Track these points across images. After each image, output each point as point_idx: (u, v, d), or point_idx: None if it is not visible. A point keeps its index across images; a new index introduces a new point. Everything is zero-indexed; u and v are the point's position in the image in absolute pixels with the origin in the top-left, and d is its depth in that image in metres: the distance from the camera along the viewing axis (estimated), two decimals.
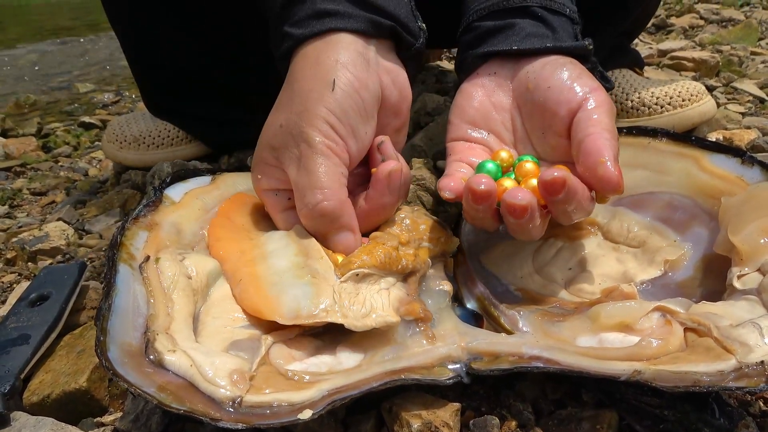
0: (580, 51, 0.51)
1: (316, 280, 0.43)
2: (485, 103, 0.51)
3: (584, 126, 0.44)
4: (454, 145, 0.52)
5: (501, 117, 0.51)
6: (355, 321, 0.40)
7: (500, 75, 0.51)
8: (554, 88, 0.47)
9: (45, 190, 1.01)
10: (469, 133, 0.52)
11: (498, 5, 0.53)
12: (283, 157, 0.47)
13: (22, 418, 0.42)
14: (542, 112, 0.48)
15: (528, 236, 0.44)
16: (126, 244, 0.44)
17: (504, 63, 0.52)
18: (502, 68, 0.52)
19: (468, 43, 0.54)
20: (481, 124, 0.52)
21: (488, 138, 0.51)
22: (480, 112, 0.52)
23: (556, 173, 0.40)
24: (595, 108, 0.45)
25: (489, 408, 0.42)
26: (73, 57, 2.54)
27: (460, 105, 0.52)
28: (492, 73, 0.52)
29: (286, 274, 0.44)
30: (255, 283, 0.44)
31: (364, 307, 0.42)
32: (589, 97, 0.46)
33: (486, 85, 0.52)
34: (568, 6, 0.53)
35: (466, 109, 0.52)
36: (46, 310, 0.52)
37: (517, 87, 0.51)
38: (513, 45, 0.50)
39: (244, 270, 0.46)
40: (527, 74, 0.49)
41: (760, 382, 0.33)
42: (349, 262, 0.44)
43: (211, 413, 0.34)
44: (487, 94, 0.52)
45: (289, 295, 0.42)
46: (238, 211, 0.52)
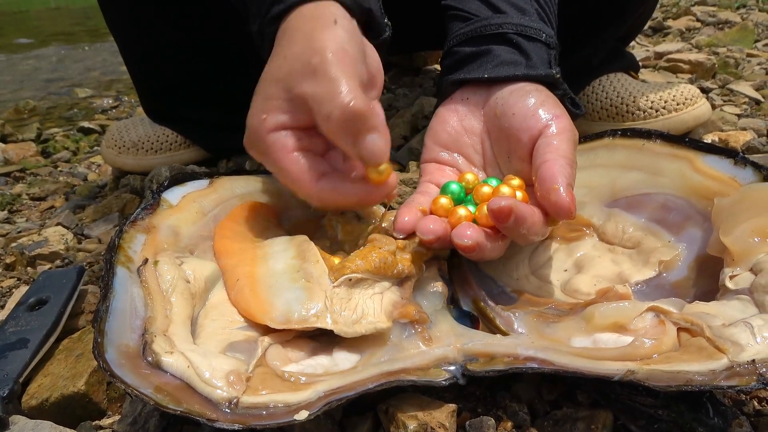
0: (549, 79, 0.52)
1: (309, 284, 0.43)
2: (457, 127, 0.54)
3: (542, 152, 0.46)
4: (426, 167, 0.55)
5: (471, 141, 0.54)
6: (345, 327, 0.41)
7: (472, 101, 0.54)
8: (518, 115, 0.49)
9: (44, 195, 1.01)
10: (441, 156, 0.55)
11: (476, 31, 0.55)
12: (294, 82, 0.45)
13: (20, 421, 0.42)
14: (507, 138, 0.50)
15: (486, 260, 0.48)
16: (124, 247, 0.44)
17: (476, 89, 0.54)
18: (474, 94, 0.54)
19: (447, 67, 0.57)
20: (452, 147, 0.54)
21: (459, 160, 0.54)
22: (452, 135, 0.54)
23: (504, 202, 0.42)
24: (555, 134, 0.47)
25: (485, 409, 0.42)
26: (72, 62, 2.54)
27: (434, 128, 0.55)
28: (465, 99, 0.55)
29: (282, 276, 0.45)
30: (251, 285, 0.45)
31: (356, 313, 0.42)
32: (550, 123, 0.48)
33: (459, 110, 0.55)
34: (545, 31, 0.55)
35: (439, 133, 0.55)
36: (45, 315, 0.52)
37: (487, 113, 0.53)
38: (485, 73, 0.53)
39: (242, 270, 0.47)
40: (496, 101, 0.52)
41: (751, 381, 0.33)
42: (343, 267, 0.44)
43: (208, 414, 0.34)
44: (459, 118, 0.54)
45: (282, 299, 0.43)
46: (249, 215, 0.53)
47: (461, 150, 0.54)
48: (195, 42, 0.89)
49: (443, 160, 0.54)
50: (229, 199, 0.55)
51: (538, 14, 0.56)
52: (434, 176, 0.54)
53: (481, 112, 0.53)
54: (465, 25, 0.56)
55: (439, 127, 0.55)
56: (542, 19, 0.56)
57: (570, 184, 0.44)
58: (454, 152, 0.54)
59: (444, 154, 0.54)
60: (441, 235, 0.45)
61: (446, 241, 0.45)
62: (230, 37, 0.91)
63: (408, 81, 1.36)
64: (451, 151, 0.54)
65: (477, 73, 0.53)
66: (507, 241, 0.47)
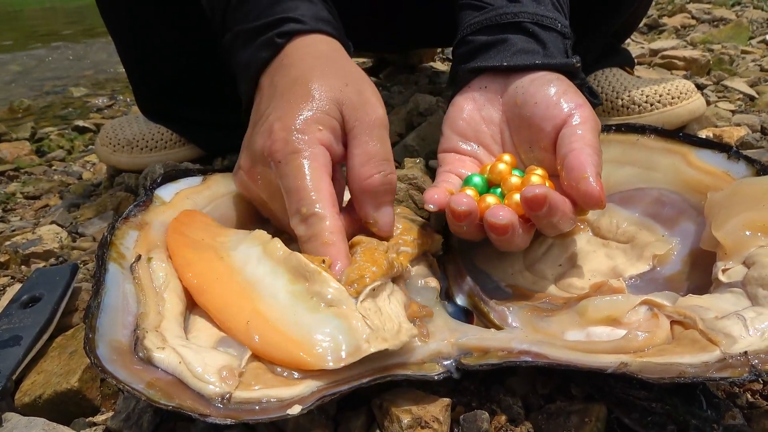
0: (568, 68, 0.52)
1: (337, 310, 0.39)
2: (475, 116, 0.53)
3: (568, 141, 0.46)
4: (445, 157, 0.54)
5: (490, 130, 0.53)
6: (393, 341, 0.38)
7: (490, 89, 0.53)
8: (541, 104, 0.49)
9: (38, 194, 1.01)
10: (460, 145, 0.54)
11: (491, 20, 0.54)
12: (350, 115, 0.48)
13: (13, 419, 0.42)
14: (529, 127, 0.50)
15: (512, 248, 0.47)
16: (116, 243, 0.44)
17: (494, 78, 0.53)
18: (492, 83, 0.53)
19: (461, 56, 0.56)
20: (471, 136, 0.53)
21: (478, 150, 0.53)
22: (470, 125, 0.53)
23: (538, 190, 0.41)
24: (579, 124, 0.46)
25: (479, 403, 0.42)
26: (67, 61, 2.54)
27: (451, 117, 0.54)
28: (483, 87, 0.53)
29: (297, 308, 0.40)
30: (272, 329, 0.39)
31: (391, 323, 0.40)
32: (574, 113, 0.47)
33: (477, 99, 0.54)
34: (560, 21, 0.54)
35: (456, 122, 0.54)
36: (38, 312, 0.52)
37: (506, 102, 0.52)
38: (503, 61, 0.52)
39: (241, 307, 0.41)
40: (516, 90, 0.51)
41: (743, 373, 0.33)
42: (360, 278, 0.42)
43: (200, 409, 0.34)
44: (477, 107, 0.53)
45: (321, 335, 0.38)
46: (191, 225, 0.48)
47: (480, 140, 0.53)
48: (191, 41, 0.89)
49: (462, 150, 0.54)
50: (222, 196, 0.55)
51: (552, 4, 0.55)
52: (454, 166, 0.53)
53: (500, 101, 0.52)
54: (479, 14, 0.55)
55: (457, 116, 0.54)
56: (556, 8, 0.56)
57: (598, 173, 0.44)
58: (472, 142, 0.53)
59: (463, 144, 0.54)
60: (473, 210, 0.44)
61: (476, 219, 0.44)
62: None
63: (403, 79, 1.36)
64: (469, 140, 0.53)
65: (495, 61, 0.52)
66: (532, 232, 0.46)
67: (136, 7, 0.85)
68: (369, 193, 0.46)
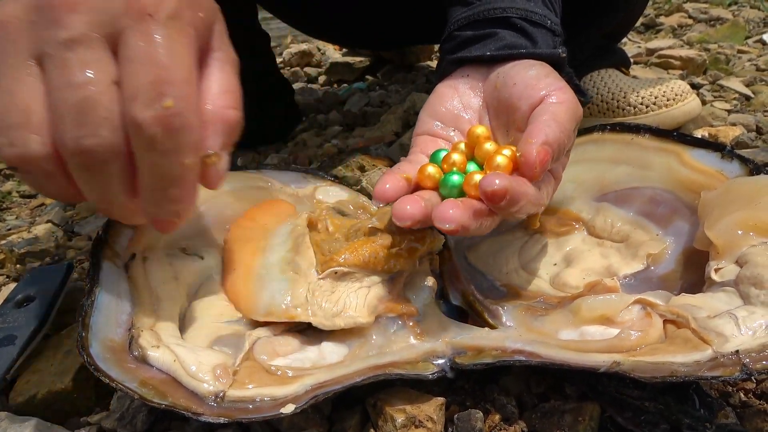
0: (554, 59, 0.51)
1: (296, 276, 0.43)
2: (455, 102, 0.52)
3: (537, 116, 0.43)
4: (418, 139, 0.52)
5: (469, 116, 0.51)
6: (324, 320, 0.41)
7: (473, 77, 0.52)
8: (519, 85, 0.47)
9: (34, 192, 1.00)
10: (435, 128, 0.52)
11: (479, 15, 0.53)
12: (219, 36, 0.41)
13: (7, 418, 0.42)
14: (506, 108, 0.48)
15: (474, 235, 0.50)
16: (110, 242, 0.44)
17: (478, 67, 0.52)
18: (475, 72, 0.52)
19: (448, 50, 0.55)
20: (449, 122, 0.52)
21: (453, 135, 0.52)
22: (449, 110, 0.52)
23: (497, 183, 0.38)
24: (555, 103, 0.44)
25: (473, 402, 0.42)
26: None
27: (431, 103, 0.53)
28: (465, 76, 0.53)
29: (274, 268, 0.45)
30: (244, 276, 0.45)
31: (337, 306, 0.42)
32: (552, 93, 0.45)
33: (458, 86, 0.53)
34: (550, 18, 0.54)
35: (436, 107, 0.52)
36: (33, 311, 0.51)
37: (487, 87, 0.51)
38: (487, 51, 0.51)
39: (241, 260, 0.47)
40: (497, 75, 0.50)
41: (734, 372, 0.34)
42: (330, 260, 0.44)
43: (194, 408, 0.34)
44: (459, 94, 0.52)
45: (267, 291, 0.43)
46: (264, 213, 0.53)
47: (458, 125, 0.51)
48: None
49: (437, 133, 0.52)
50: (218, 194, 0.54)
51: (542, 1, 0.55)
52: (427, 147, 0.50)
53: (481, 87, 0.51)
54: (467, 9, 0.55)
55: (437, 102, 0.53)
56: (547, 6, 0.55)
57: (547, 142, 0.40)
58: (450, 127, 0.52)
59: (438, 127, 0.52)
60: (420, 218, 0.41)
61: (427, 223, 0.41)
62: None
63: (400, 77, 1.36)
64: (447, 125, 0.52)
65: (479, 52, 0.52)
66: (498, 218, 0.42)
67: None
68: (224, 124, 0.37)
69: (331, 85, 1.46)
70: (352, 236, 0.48)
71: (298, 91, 1.31)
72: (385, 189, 0.44)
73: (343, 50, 1.64)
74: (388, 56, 1.45)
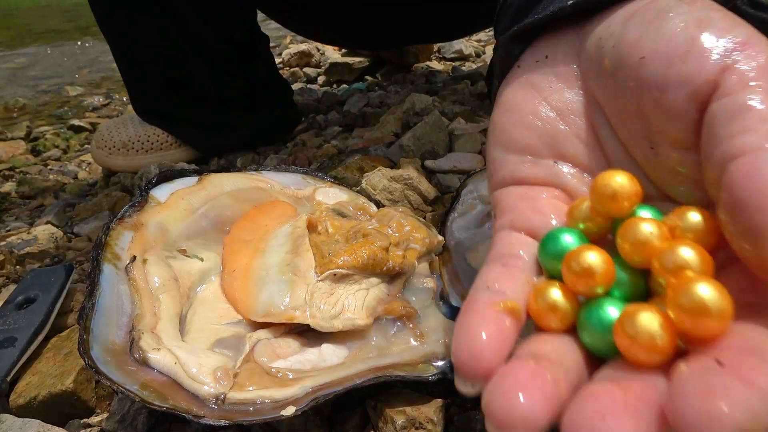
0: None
1: (295, 278, 0.43)
2: (541, 111, 0.31)
3: (726, 130, 0.22)
4: (502, 197, 0.31)
5: (573, 127, 0.30)
6: (322, 321, 0.41)
7: (556, 58, 0.31)
8: (655, 57, 0.26)
9: (34, 193, 1.00)
10: (525, 170, 0.31)
11: None
12: None
13: (8, 420, 0.42)
14: (641, 107, 0.27)
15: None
16: (110, 244, 0.44)
17: (559, 37, 0.32)
18: (557, 46, 0.32)
19: (504, 29, 0.35)
20: (542, 148, 0.31)
21: (561, 169, 0.30)
22: (536, 128, 0.31)
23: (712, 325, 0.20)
24: (746, 86, 0.23)
25: (473, 404, 0.42)
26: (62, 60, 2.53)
27: (500, 126, 0.32)
28: (542, 59, 0.32)
29: (272, 269, 0.45)
30: (242, 277, 0.45)
31: (335, 308, 0.42)
32: (730, 61, 0.23)
33: (537, 81, 0.31)
34: None
35: (511, 131, 0.32)
36: (33, 313, 0.52)
37: (588, 68, 0.30)
38: (567, 1, 0.30)
39: (240, 261, 0.47)
40: (601, 42, 0.28)
41: None
42: (329, 262, 0.44)
43: (194, 410, 0.34)
44: (541, 94, 0.31)
45: (266, 292, 0.43)
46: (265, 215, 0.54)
47: (559, 149, 0.30)
48: (185, 41, 0.89)
49: (529, 176, 0.31)
50: (218, 196, 0.55)
51: None
52: (521, 216, 0.29)
53: (576, 70, 0.30)
54: None
55: (509, 120, 0.32)
56: None
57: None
58: (546, 158, 0.31)
59: (527, 165, 0.31)
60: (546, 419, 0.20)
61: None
62: (221, 35, 0.91)
63: (399, 78, 1.36)
64: (540, 156, 0.31)
65: (554, 6, 0.31)
66: None
67: (128, 6, 0.85)
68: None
69: (330, 86, 1.47)
70: (351, 238, 0.49)
71: (298, 91, 1.31)
72: (480, 348, 0.22)
73: (342, 51, 1.64)
74: (388, 57, 1.45)
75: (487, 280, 0.26)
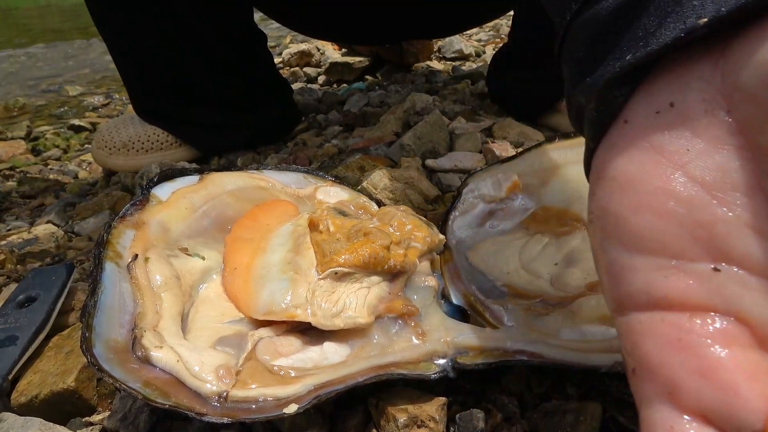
0: None
1: (296, 276, 0.43)
2: (677, 187, 0.21)
3: None
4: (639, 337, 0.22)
5: (736, 209, 0.20)
6: (323, 320, 0.41)
7: (687, 103, 0.21)
8: None
9: (34, 193, 1.00)
10: (668, 284, 0.21)
11: None
12: None
13: (9, 418, 0.42)
14: None
15: None
16: (112, 242, 0.44)
17: (685, 72, 0.22)
18: (685, 86, 0.21)
19: (579, 63, 0.25)
20: (687, 246, 0.21)
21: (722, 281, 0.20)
22: (674, 215, 0.21)
23: None
24: None
25: (475, 402, 0.42)
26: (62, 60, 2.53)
27: (614, 213, 0.23)
28: (665, 109, 0.22)
29: (274, 268, 0.45)
30: (244, 276, 0.46)
31: (336, 306, 0.42)
32: None
33: (662, 142, 0.22)
34: None
35: (633, 221, 0.22)
36: (34, 312, 0.52)
37: (750, 113, 0.20)
38: (703, 16, 0.20)
39: (241, 259, 0.47)
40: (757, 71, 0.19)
41: None
42: (330, 260, 0.45)
43: (197, 408, 0.34)
44: (673, 162, 0.21)
45: (267, 290, 0.43)
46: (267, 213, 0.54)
47: (718, 246, 0.20)
48: (184, 41, 0.89)
49: (682, 296, 0.21)
50: (219, 195, 0.55)
51: None
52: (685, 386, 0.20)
53: (725, 120, 0.21)
54: None
55: (631, 205, 0.22)
56: None
57: None
58: (700, 261, 0.21)
59: (677, 279, 0.21)
60: None
61: None
62: (220, 35, 0.91)
63: (399, 77, 1.36)
64: (689, 259, 0.21)
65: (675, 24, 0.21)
66: None
67: (125, 6, 0.85)
68: None
69: (330, 85, 1.47)
70: (353, 236, 0.49)
71: (298, 91, 1.31)
72: None
73: (342, 50, 1.64)
74: (388, 56, 1.45)
75: None
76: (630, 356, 0.21)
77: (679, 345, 0.20)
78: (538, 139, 0.85)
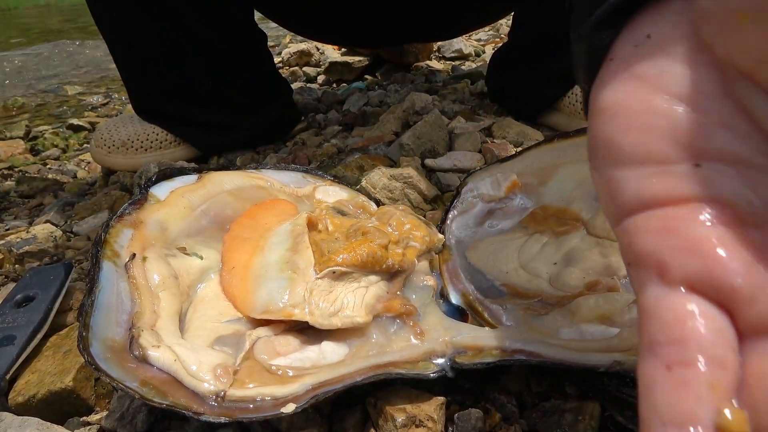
0: None
1: (294, 275, 0.43)
2: (657, 104, 0.23)
3: None
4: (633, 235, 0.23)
5: (711, 115, 0.22)
6: (320, 319, 0.41)
7: (662, 33, 0.23)
8: None
9: (33, 192, 1.00)
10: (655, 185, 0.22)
11: None
12: None
13: (7, 418, 0.42)
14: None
15: None
16: (110, 241, 0.44)
17: (659, 11, 0.24)
18: (659, 21, 0.23)
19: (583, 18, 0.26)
20: (670, 151, 0.22)
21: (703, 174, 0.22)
22: (657, 128, 0.22)
23: None
24: None
25: (473, 401, 0.42)
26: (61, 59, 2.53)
27: (605, 138, 0.24)
28: (643, 41, 0.24)
29: (272, 267, 0.45)
30: (242, 274, 0.46)
31: (334, 306, 0.42)
32: None
33: (642, 69, 0.23)
34: None
35: (622, 140, 0.23)
36: (32, 311, 0.51)
37: (715, 30, 0.22)
38: None
39: (240, 258, 0.48)
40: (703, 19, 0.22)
41: None
42: (328, 259, 0.44)
43: (194, 407, 0.34)
44: (652, 84, 0.23)
45: (265, 289, 0.43)
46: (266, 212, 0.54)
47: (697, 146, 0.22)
48: (184, 40, 0.89)
49: (667, 192, 0.22)
50: (218, 194, 0.55)
51: None
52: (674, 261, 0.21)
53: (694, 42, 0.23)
54: None
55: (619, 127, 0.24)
56: None
57: None
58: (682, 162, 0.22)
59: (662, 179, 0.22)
60: None
61: None
62: (220, 35, 0.91)
63: (399, 77, 1.36)
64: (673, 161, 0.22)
65: None
66: None
67: (125, 6, 0.85)
68: None
69: (330, 85, 1.46)
70: (351, 236, 0.49)
71: (297, 90, 1.31)
72: None
73: (341, 50, 1.64)
74: (387, 56, 1.45)
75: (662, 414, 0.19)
76: (627, 255, 0.23)
77: (666, 230, 0.21)
78: (537, 138, 0.84)
